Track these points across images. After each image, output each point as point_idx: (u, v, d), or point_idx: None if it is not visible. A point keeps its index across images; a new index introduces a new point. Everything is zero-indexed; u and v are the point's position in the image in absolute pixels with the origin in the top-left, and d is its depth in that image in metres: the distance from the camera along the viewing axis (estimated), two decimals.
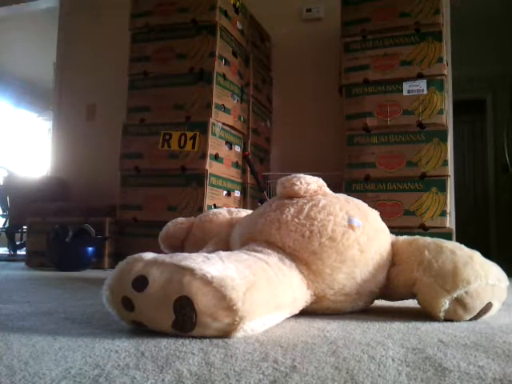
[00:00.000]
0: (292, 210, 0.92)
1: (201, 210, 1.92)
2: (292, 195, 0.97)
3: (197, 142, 1.99)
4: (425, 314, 0.89)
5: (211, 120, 2.00)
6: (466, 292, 0.82)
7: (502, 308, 0.95)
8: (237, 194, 2.25)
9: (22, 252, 2.92)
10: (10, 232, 2.97)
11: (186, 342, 0.67)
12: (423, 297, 0.88)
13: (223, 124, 2.11)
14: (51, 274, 1.77)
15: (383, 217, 1.01)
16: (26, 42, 4.56)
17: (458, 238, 1.86)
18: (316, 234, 0.87)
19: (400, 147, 1.93)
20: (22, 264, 2.25)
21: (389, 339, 0.71)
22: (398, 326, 0.81)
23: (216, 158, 2.03)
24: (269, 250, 0.86)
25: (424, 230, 1.84)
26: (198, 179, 1.97)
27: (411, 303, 1.00)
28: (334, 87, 2.39)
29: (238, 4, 2.30)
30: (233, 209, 1.33)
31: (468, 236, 2.19)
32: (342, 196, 0.99)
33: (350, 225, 0.90)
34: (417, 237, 0.99)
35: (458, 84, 2.57)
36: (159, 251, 0.86)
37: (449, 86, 2.23)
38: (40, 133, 6.01)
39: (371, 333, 0.76)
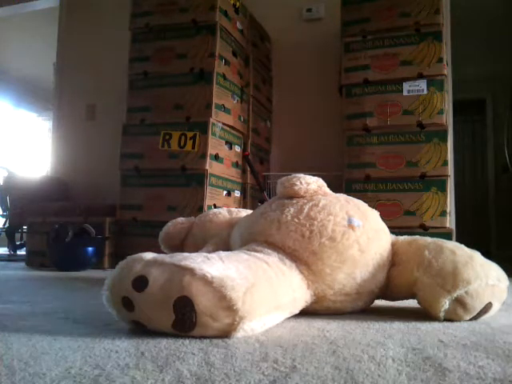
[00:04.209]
0: (292, 210, 0.92)
1: (201, 209, 1.92)
2: (292, 195, 0.97)
3: (197, 142, 1.99)
4: (425, 314, 0.89)
5: (211, 120, 2.00)
6: (466, 292, 0.82)
7: (502, 308, 0.95)
8: (237, 194, 2.25)
9: (22, 252, 2.91)
10: (10, 232, 2.97)
11: (186, 341, 0.67)
12: (423, 297, 0.88)
13: (223, 124, 2.11)
14: (51, 274, 1.77)
15: (383, 217, 1.01)
16: (26, 42, 4.56)
17: (458, 238, 1.86)
18: (316, 234, 0.87)
19: (400, 147, 1.93)
20: (22, 264, 2.25)
21: (389, 339, 0.71)
22: (398, 326, 0.81)
23: (216, 158, 2.03)
24: (269, 250, 0.86)
25: (424, 230, 1.84)
26: (198, 179, 1.97)
27: (411, 303, 1.00)
28: (334, 87, 2.38)
29: (237, 4, 2.30)
30: (233, 209, 1.33)
31: (468, 236, 2.19)
32: (342, 196, 0.99)
33: (350, 225, 0.90)
34: (417, 237, 0.99)
35: (458, 84, 2.57)
36: (159, 251, 0.86)
37: (449, 86, 2.23)
38: (40, 133, 6.01)
39: (371, 333, 0.76)
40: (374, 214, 0.99)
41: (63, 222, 2.01)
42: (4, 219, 3.07)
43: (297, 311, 0.84)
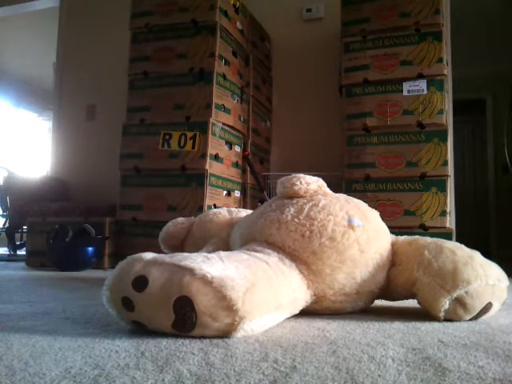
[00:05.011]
0: (292, 209, 0.92)
1: (201, 209, 1.92)
2: (292, 195, 0.97)
3: (197, 142, 1.99)
4: (425, 314, 0.89)
5: (211, 120, 2.00)
6: (466, 292, 0.82)
7: (502, 308, 0.95)
8: (237, 194, 2.25)
9: (22, 252, 2.92)
10: (10, 232, 2.97)
11: (186, 341, 0.67)
12: (423, 297, 0.88)
13: (223, 124, 2.11)
14: (51, 274, 1.77)
15: (383, 217, 1.01)
16: (25, 42, 4.56)
17: (458, 238, 1.86)
18: (316, 233, 0.87)
19: (400, 147, 1.93)
20: (22, 264, 2.25)
21: (389, 339, 0.71)
22: (397, 326, 0.81)
23: (216, 158, 2.03)
24: (269, 250, 0.86)
25: (424, 230, 1.84)
26: (198, 179, 1.97)
27: (411, 303, 1.00)
28: (334, 87, 2.39)
29: (237, 4, 2.30)
30: (233, 209, 1.33)
31: (468, 236, 2.19)
32: (342, 196, 0.99)
33: (350, 225, 0.90)
34: (417, 237, 0.99)
35: (458, 84, 2.57)
36: (159, 251, 0.86)
37: (449, 86, 2.23)
38: (40, 133, 6.01)
39: (371, 333, 0.76)
40: (374, 214, 0.99)
41: (63, 222, 2.02)
42: (4, 219, 3.07)
43: (297, 311, 0.84)
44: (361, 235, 0.89)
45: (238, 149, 2.27)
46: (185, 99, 2.07)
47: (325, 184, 1.01)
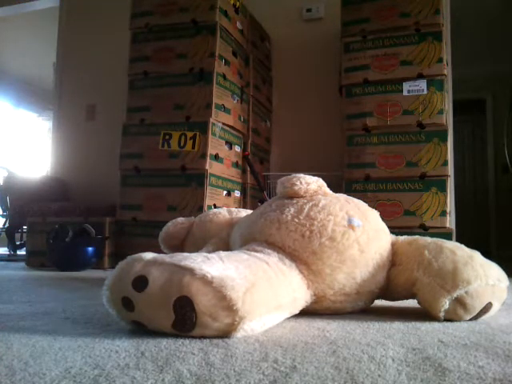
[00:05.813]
0: (292, 209, 0.92)
1: (201, 209, 1.92)
2: (292, 195, 0.97)
3: (197, 142, 1.99)
4: (425, 314, 0.89)
5: (211, 120, 2.00)
6: (466, 292, 0.82)
7: (502, 308, 0.95)
8: (237, 194, 2.25)
9: (22, 252, 2.91)
10: (10, 232, 2.97)
11: (186, 341, 0.67)
12: (423, 297, 0.88)
13: (223, 124, 2.11)
14: (51, 274, 1.77)
15: (383, 217, 1.01)
16: (25, 42, 4.56)
17: (458, 238, 1.86)
18: (316, 233, 0.87)
19: (400, 147, 1.93)
20: (22, 264, 2.25)
21: (389, 339, 0.71)
22: (397, 326, 0.81)
23: (216, 158, 2.03)
24: (269, 250, 0.86)
25: (424, 230, 1.84)
26: (198, 179, 1.97)
27: (411, 303, 1.00)
28: (334, 87, 2.38)
29: (237, 4, 2.30)
30: (233, 209, 1.33)
31: (468, 236, 2.19)
32: (342, 196, 0.99)
33: (350, 225, 0.90)
34: (417, 237, 0.99)
35: (458, 84, 2.57)
36: (159, 251, 0.86)
37: (449, 86, 2.23)
38: (40, 133, 6.01)
39: (371, 333, 0.76)
40: (374, 214, 0.99)
41: (63, 222, 2.01)
42: (4, 219, 3.07)
43: (297, 311, 0.84)
44: (361, 235, 0.89)
45: (238, 149, 2.27)
46: (185, 99, 2.07)
47: (325, 184, 1.01)
